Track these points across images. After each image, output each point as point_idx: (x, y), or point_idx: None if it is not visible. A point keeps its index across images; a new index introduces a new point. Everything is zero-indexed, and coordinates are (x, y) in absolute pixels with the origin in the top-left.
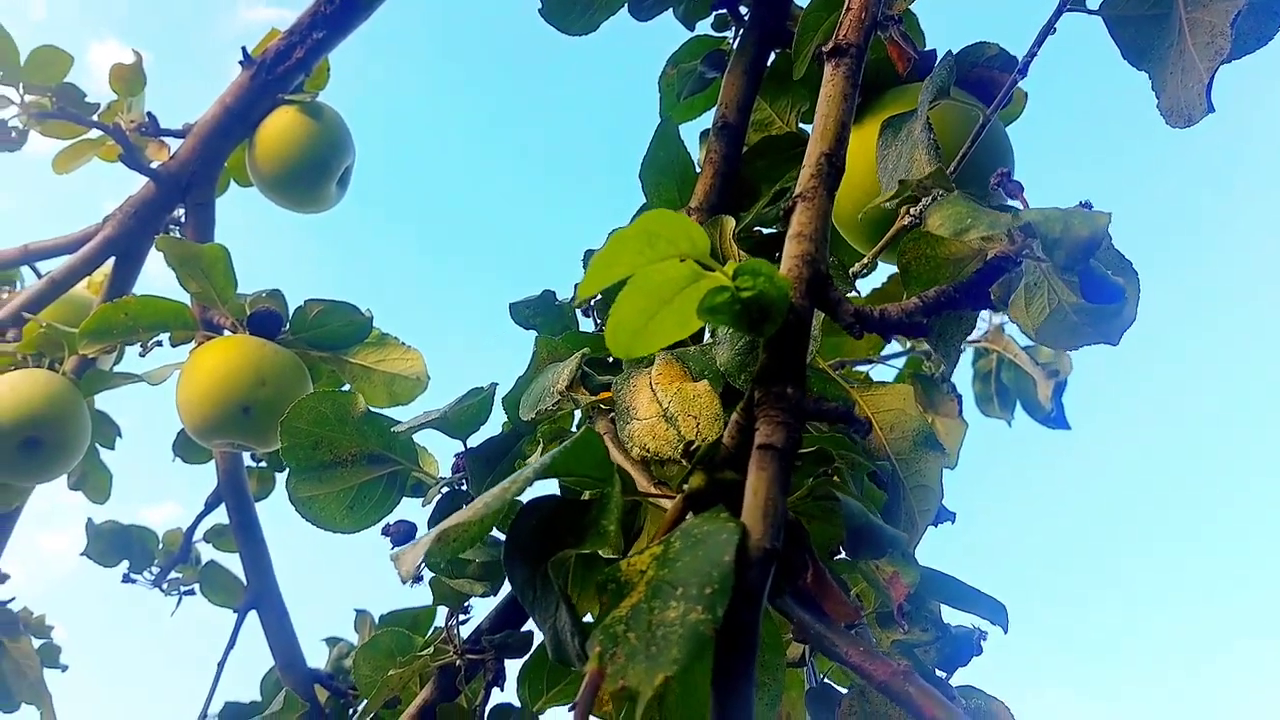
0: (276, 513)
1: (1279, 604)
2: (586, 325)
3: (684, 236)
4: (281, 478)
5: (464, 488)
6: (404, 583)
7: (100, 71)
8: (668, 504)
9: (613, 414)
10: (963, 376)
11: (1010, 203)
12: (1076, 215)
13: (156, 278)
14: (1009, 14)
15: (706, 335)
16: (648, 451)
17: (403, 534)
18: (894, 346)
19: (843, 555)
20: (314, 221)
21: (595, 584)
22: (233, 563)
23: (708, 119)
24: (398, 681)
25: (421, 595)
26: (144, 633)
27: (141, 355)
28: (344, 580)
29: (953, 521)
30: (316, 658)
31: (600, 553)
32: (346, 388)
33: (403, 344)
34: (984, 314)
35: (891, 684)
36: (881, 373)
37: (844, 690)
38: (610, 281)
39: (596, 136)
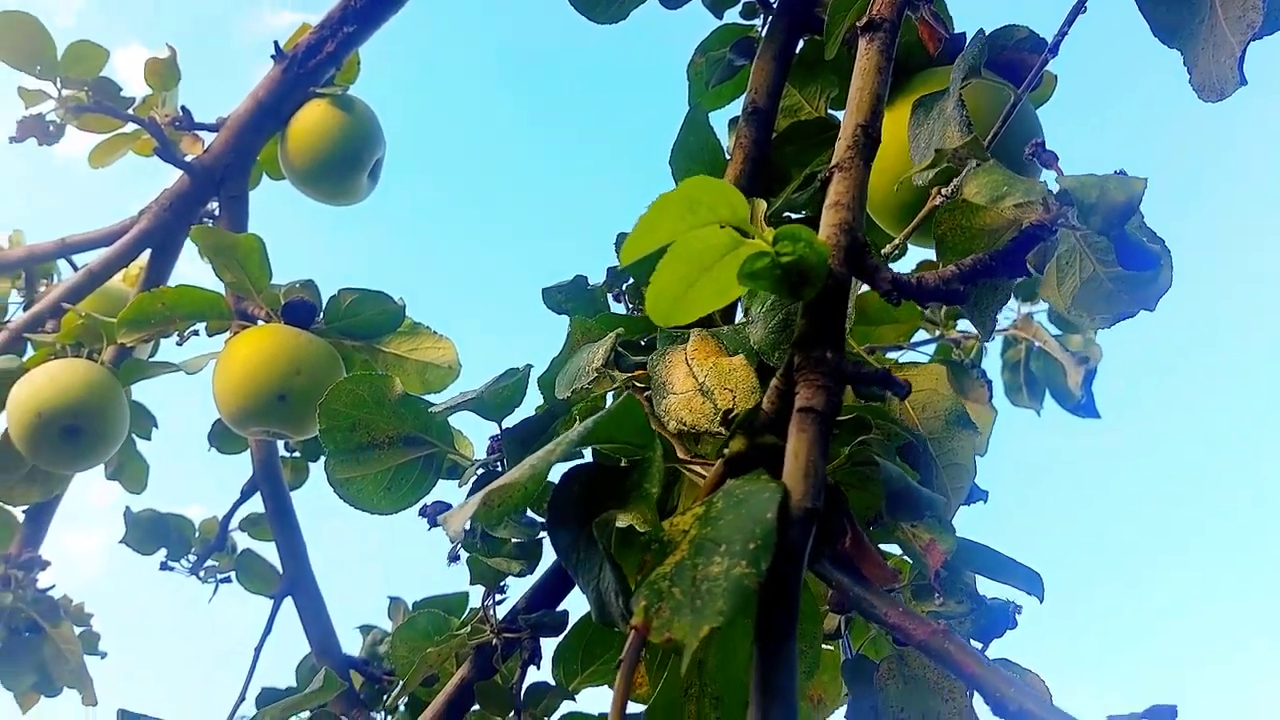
0: (310, 505)
1: None
2: (618, 310)
3: (724, 203)
4: (315, 468)
5: (500, 469)
6: (452, 543)
7: (126, 75)
8: (705, 473)
9: (648, 391)
10: (992, 366)
11: (1045, 173)
12: (1112, 181)
13: (188, 277)
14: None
15: (739, 315)
16: (684, 425)
17: (439, 514)
18: (922, 334)
19: (880, 525)
20: (343, 214)
21: (639, 544)
22: (267, 551)
23: (735, 108)
24: (436, 658)
25: (455, 582)
26: (175, 631)
27: (179, 344)
28: (376, 573)
29: (985, 500)
30: (350, 646)
31: (636, 527)
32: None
33: (435, 333)
34: (1012, 303)
35: (931, 643)
36: (911, 360)
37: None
38: (652, 247)
39: (620, 129)
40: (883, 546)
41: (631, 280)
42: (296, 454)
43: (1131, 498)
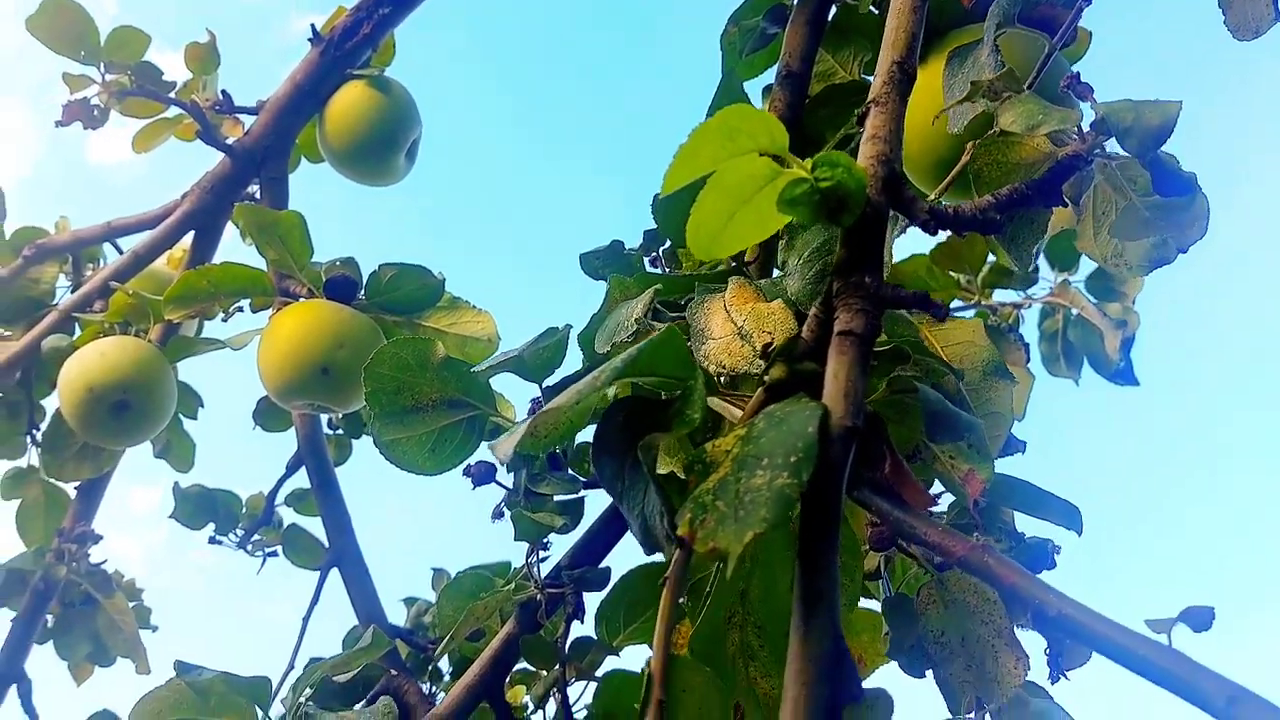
0: (354, 487)
1: None
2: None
3: (764, 130)
4: (358, 445)
5: None
6: (501, 464)
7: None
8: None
9: (688, 340)
10: (1029, 338)
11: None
12: (1147, 105)
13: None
14: None
15: (775, 272)
16: (724, 368)
17: (483, 474)
18: (957, 302)
19: (919, 459)
20: (380, 195)
21: (682, 467)
22: (313, 527)
23: (769, 77)
24: (482, 610)
25: (498, 551)
26: (221, 628)
27: (224, 320)
28: (419, 555)
29: (1023, 451)
30: (396, 621)
31: (677, 473)
32: None
33: (474, 307)
34: (1048, 272)
35: (971, 558)
36: None
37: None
38: (693, 176)
39: (656, 100)
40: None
41: (668, 243)
42: (340, 431)
43: (1165, 439)
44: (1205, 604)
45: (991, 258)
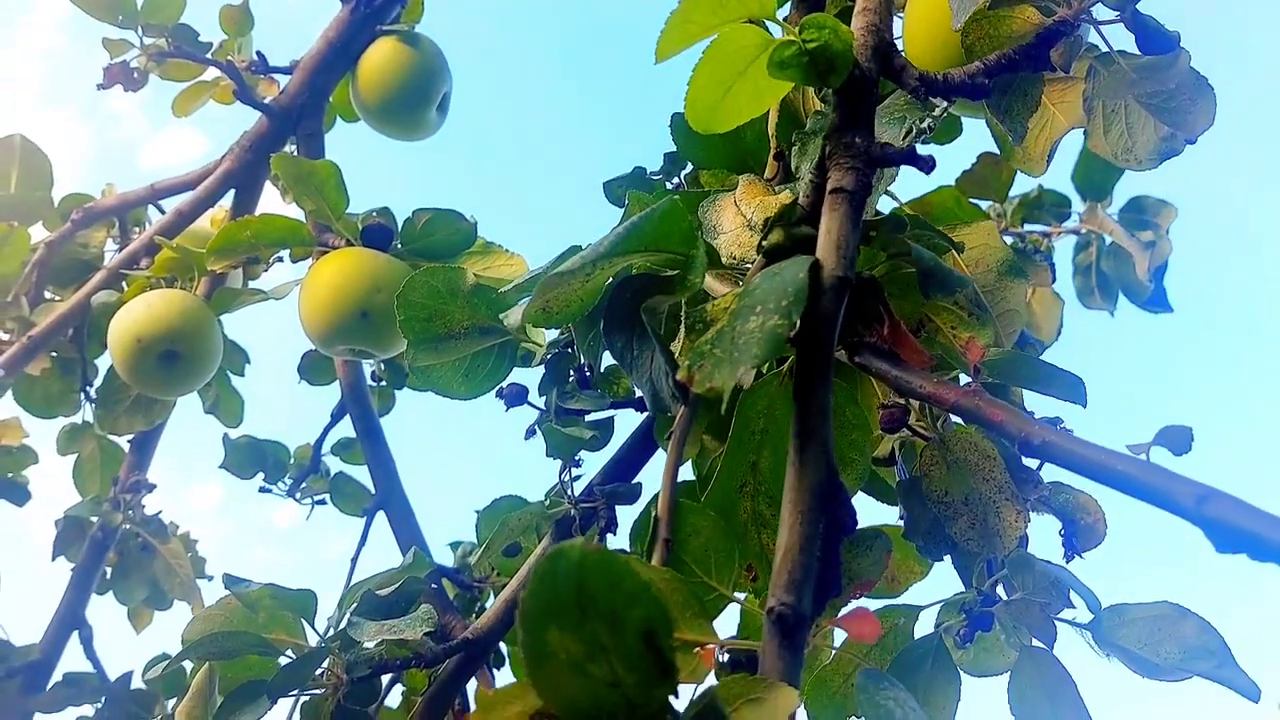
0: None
1: None
2: None
3: None
4: (401, 396)
5: (570, 351)
6: (511, 330)
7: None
8: None
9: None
10: (1063, 273)
11: None
12: None
13: None
14: None
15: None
16: (734, 259)
17: (515, 395)
18: None
19: (924, 332)
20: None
21: (684, 326)
22: (359, 475)
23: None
24: (518, 523)
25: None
26: None
27: (264, 270)
28: (464, 510)
29: (1040, 352)
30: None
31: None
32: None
33: (506, 251)
34: (1078, 203)
35: (963, 402)
36: None
37: None
38: (686, 44)
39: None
40: None
41: (690, 167)
42: (383, 383)
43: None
44: (1183, 424)
45: (1017, 190)
